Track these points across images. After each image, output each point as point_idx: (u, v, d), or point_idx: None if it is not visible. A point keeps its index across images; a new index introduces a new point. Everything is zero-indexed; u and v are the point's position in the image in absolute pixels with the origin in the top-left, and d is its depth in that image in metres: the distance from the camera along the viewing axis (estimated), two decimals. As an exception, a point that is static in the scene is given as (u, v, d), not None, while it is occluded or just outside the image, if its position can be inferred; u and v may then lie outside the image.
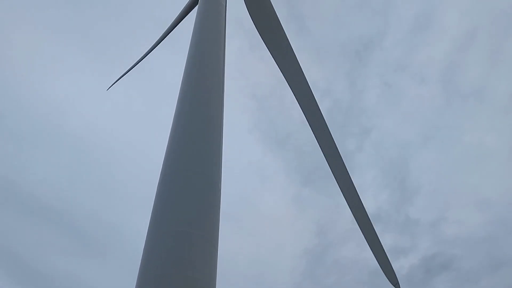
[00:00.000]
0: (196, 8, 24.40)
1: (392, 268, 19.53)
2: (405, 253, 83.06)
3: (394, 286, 20.01)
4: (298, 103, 22.74)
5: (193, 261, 14.92)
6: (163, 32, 29.69)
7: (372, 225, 20.20)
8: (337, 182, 22.14)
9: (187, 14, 26.70)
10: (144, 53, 29.94)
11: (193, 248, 14.93)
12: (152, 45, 30.00)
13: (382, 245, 19.71)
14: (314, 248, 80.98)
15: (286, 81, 22.72)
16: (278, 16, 22.79)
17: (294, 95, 22.57)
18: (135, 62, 30.71)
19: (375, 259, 19.91)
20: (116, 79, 31.85)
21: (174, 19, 28.18)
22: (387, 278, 19.53)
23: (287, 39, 22.56)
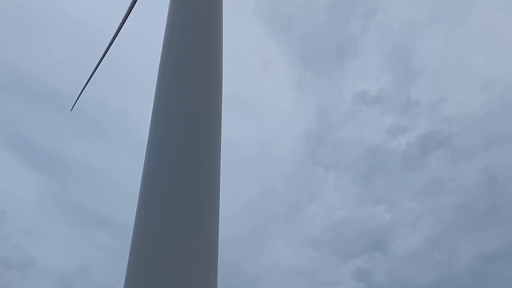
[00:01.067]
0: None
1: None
2: (403, 132, 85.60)
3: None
4: None
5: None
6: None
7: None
8: None
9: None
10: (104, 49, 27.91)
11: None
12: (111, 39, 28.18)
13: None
14: (315, 130, 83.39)
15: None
16: None
17: None
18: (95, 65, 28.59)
19: None
20: (77, 96, 29.98)
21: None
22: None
23: None
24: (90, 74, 28.82)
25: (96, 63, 27.23)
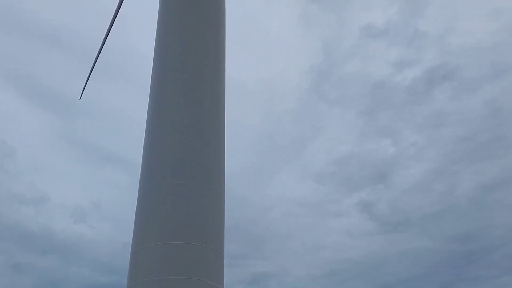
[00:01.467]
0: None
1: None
2: (409, 65, 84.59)
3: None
4: None
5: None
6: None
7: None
8: None
9: None
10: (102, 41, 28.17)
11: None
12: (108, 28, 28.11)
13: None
14: (320, 65, 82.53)
15: None
16: None
17: None
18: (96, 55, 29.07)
19: None
20: (84, 84, 30.72)
21: None
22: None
23: None
24: (94, 60, 29.42)
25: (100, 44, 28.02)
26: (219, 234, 22.02)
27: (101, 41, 28.09)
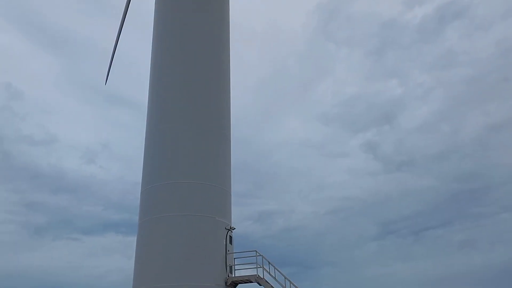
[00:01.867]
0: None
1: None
2: (420, 3, 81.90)
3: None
4: None
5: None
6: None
7: None
8: None
9: None
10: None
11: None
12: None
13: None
14: (327, 4, 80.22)
15: None
16: None
17: None
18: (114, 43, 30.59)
19: None
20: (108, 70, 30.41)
21: None
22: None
23: None
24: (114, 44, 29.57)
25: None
26: (226, 174, 22.82)
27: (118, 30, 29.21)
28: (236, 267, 21.24)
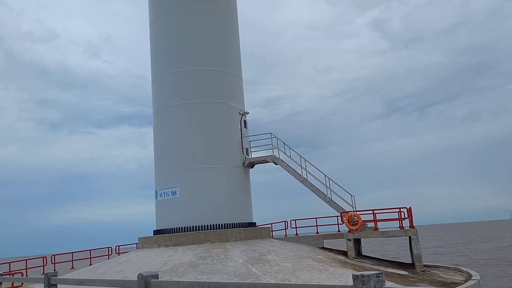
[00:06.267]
0: None
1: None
2: None
3: None
4: None
5: None
6: None
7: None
8: None
9: None
10: None
11: None
12: None
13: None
14: None
15: None
16: None
17: None
18: None
19: None
20: None
21: None
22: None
23: None
24: None
25: None
26: (236, 59, 22.64)
27: None
28: (252, 149, 22.16)
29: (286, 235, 22.82)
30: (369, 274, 3.13)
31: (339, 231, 21.43)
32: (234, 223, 19.97)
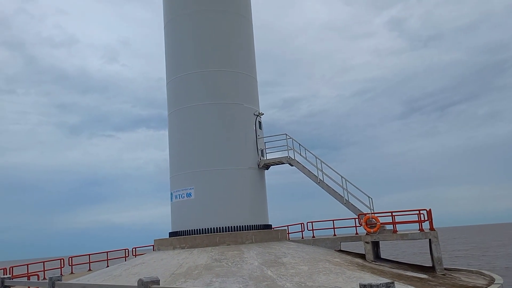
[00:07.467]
0: None
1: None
2: None
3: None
4: None
5: None
6: None
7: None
8: None
9: None
10: None
11: None
12: None
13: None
14: None
15: None
16: None
17: None
18: None
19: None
20: None
21: None
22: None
23: None
24: None
25: None
26: (251, 59, 22.44)
27: None
28: (267, 150, 21.90)
29: (302, 238, 22.50)
30: (378, 283, 2.87)
31: (356, 233, 21.05)
32: (250, 225, 19.75)
